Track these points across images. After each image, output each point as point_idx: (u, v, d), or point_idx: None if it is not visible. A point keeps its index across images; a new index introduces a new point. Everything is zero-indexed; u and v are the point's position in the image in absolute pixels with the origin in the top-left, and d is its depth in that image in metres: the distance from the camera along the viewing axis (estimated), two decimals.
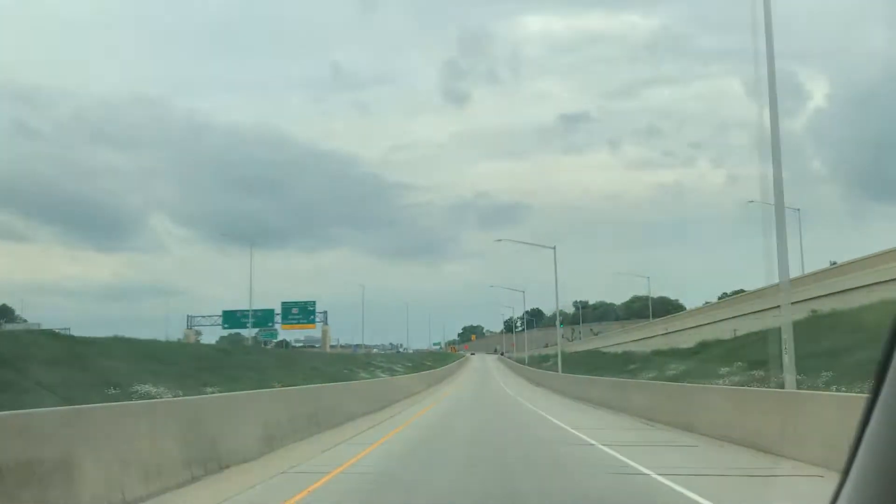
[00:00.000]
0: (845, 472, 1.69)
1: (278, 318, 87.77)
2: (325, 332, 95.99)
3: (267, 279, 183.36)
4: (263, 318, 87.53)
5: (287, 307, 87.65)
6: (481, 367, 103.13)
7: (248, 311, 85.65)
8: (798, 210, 57.70)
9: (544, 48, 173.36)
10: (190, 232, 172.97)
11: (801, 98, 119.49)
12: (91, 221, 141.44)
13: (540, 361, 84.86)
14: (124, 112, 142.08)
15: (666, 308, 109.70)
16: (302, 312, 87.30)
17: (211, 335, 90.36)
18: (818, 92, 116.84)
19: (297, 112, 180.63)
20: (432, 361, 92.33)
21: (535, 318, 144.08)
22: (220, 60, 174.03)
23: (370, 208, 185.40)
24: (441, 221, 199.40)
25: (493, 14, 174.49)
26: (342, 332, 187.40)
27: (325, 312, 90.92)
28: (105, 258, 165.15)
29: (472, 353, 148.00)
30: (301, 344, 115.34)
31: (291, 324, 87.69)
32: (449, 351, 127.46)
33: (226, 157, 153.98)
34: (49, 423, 7.41)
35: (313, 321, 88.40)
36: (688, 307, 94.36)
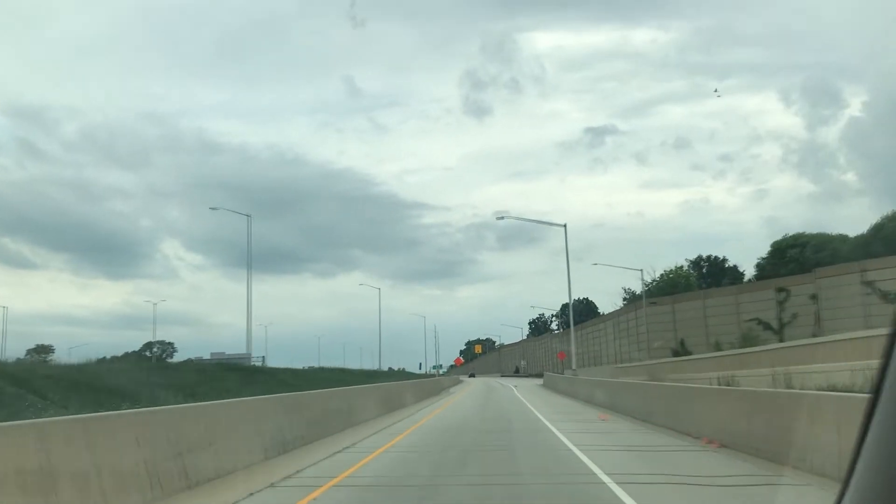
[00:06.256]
0: (847, 478, 1.58)
1: None
2: None
3: (278, 304, 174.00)
4: None
5: None
6: None
7: None
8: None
9: (560, 65, 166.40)
10: (200, 257, 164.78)
11: (838, 106, 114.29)
12: (100, 246, 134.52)
13: None
14: (132, 131, 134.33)
15: None
16: None
17: None
18: (855, 100, 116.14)
19: (309, 132, 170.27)
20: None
21: (584, 313, 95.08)
22: (228, 80, 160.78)
23: (385, 230, 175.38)
24: (458, 242, 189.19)
25: (513, 29, 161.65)
26: (365, 356, 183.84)
27: None
28: (114, 286, 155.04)
29: (454, 377, 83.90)
30: None
31: None
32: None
33: (236, 178, 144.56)
34: None
35: None
36: None
